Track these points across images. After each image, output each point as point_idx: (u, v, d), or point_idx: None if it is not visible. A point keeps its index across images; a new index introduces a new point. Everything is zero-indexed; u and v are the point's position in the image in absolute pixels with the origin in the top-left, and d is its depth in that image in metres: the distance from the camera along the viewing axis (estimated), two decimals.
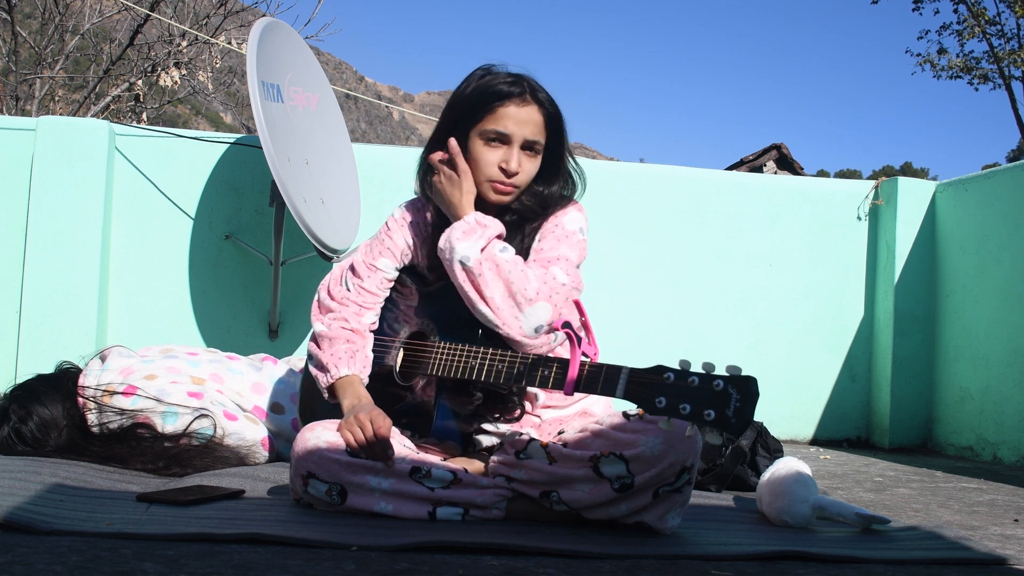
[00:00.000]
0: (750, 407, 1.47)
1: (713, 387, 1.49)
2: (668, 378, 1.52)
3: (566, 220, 1.94)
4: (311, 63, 3.71)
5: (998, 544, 1.82)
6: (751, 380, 1.49)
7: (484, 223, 1.85)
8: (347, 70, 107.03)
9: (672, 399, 1.50)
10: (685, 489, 1.70)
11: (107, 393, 2.36)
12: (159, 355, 2.53)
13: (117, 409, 2.33)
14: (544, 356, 1.73)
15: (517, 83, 1.89)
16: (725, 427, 1.47)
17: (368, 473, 1.75)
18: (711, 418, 1.47)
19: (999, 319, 3.59)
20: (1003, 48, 16.84)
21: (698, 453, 1.69)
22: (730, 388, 1.48)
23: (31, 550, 1.35)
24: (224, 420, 2.35)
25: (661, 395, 1.51)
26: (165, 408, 2.32)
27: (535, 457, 1.75)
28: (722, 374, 1.50)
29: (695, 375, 1.51)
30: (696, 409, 1.48)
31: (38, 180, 3.51)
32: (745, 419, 1.47)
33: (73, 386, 2.42)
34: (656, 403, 1.51)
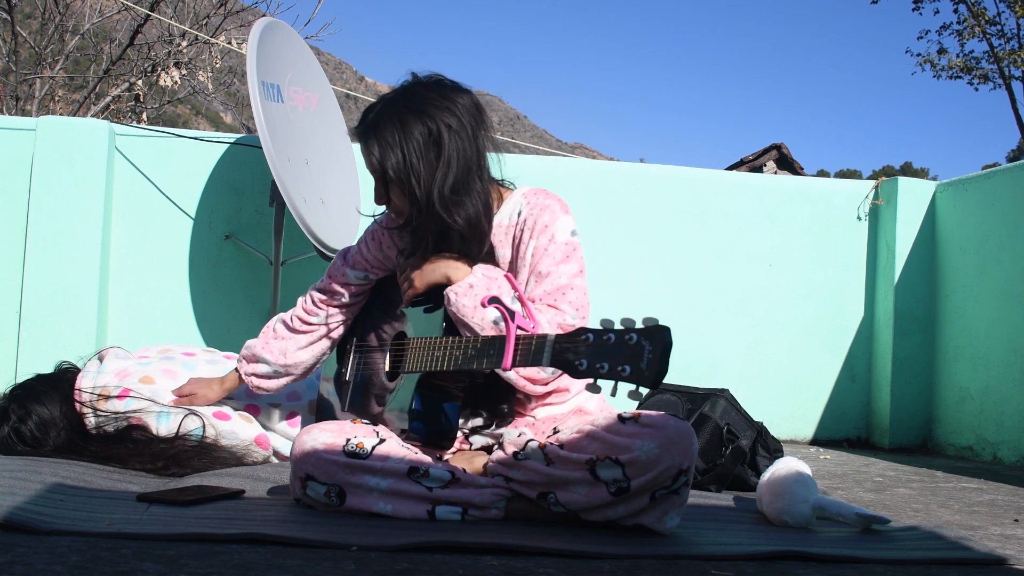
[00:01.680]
0: (663, 358, 1.42)
1: (627, 341, 1.44)
2: (587, 339, 1.49)
3: (557, 229, 1.87)
4: (311, 63, 3.71)
5: (998, 544, 1.82)
6: (664, 330, 1.43)
7: (492, 276, 1.82)
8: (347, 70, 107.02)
9: (591, 360, 1.47)
10: (682, 491, 1.70)
11: (102, 397, 2.36)
12: (157, 356, 2.52)
13: (110, 413, 2.33)
14: (491, 337, 1.69)
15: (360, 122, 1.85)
16: (640, 380, 1.43)
17: (366, 473, 1.75)
18: (626, 373, 1.43)
19: (999, 319, 3.59)
20: (1003, 48, 16.84)
21: (695, 455, 1.68)
22: (643, 341, 1.43)
23: (31, 550, 1.35)
24: (215, 420, 2.34)
25: (583, 357, 1.48)
26: (159, 409, 2.32)
27: (533, 458, 1.74)
28: (636, 327, 1.46)
29: (612, 332, 1.47)
30: (612, 366, 1.45)
31: (38, 180, 3.51)
32: (659, 370, 1.42)
33: (70, 388, 2.41)
34: (578, 366, 1.48)
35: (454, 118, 1.80)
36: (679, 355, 4.23)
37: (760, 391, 3.97)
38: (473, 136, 1.82)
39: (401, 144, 1.78)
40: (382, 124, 1.80)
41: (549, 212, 1.88)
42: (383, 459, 1.76)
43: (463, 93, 1.85)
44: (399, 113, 1.80)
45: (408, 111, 1.80)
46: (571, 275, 1.85)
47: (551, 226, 1.87)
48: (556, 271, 1.85)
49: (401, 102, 1.81)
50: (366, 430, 1.82)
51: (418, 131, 1.78)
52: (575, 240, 1.89)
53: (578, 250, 1.89)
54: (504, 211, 1.93)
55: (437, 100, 1.81)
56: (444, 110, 1.80)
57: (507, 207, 1.93)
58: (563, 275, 1.85)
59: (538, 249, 1.87)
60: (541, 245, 1.86)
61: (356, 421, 1.89)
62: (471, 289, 1.79)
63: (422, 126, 1.78)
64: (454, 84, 1.87)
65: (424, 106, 1.79)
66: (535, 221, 1.88)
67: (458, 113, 1.80)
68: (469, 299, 1.78)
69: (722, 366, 3.98)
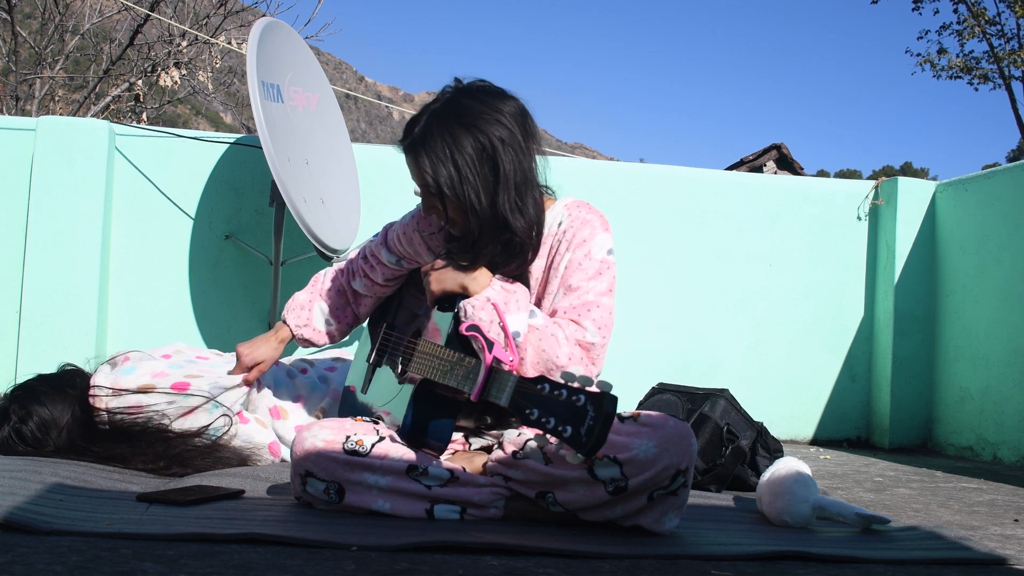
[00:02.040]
0: (604, 427, 1.42)
1: (574, 402, 1.45)
2: (543, 389, 1.50)
3: (595, 246, 1.86)
4: (311, 63, 3.71)
5: (998, 544, 1.82)
6: (607, 398, 1.43)
7: (511, 289, 1.82)
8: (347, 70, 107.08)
9: (543, 411, 1.48)
10: (681, 492, 1.69)
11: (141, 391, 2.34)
12: (177, 357, 2.52)
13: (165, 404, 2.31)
14: (475, 364, 1.68)
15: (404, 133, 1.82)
16: (577, 446, 1.43)
17: (365, 471, 1.75)
18: (567, 435, 1.43)
19: (999, 319, 3.59)
20: (1003, 48, 16.84)
21: (693, 456, 1.68)
22: (588, 405, 1.44)
23: (31, 550, 1.35)
24: (236, 419, 2.35)
25: (535, 407, 1.49)
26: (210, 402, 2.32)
27: (531, 458, 1.75)
28: (585, 389, 1.45)
29: (564, 388, 1.47)
30: (557, 424, 1.45)
31: (38, 180, 3.51)
32: (596, 439, 1.42)
33: (73, 388, 2.41)
34: (528, 414, 1.49)
35: (504, 129, 1.76)
36: (679, 355, 4.24)
37: (760, 391, 3.97)
38: (524, 144, 1.79)
39: (454, 158, 1.74)
40: (431, 138, 1.75)
41: (589, 227, 1.88)
42: (382, 457, 1.76)
43: (509, 100, 1.81)
44: (447, 126, 1.75)
45: (457, 124, 1.75)
46: (599, 292, 1.85)
47: (589, 242, 1.87)
48: (585, 286, 1.84)
49: (449, 114, 1.76)
50: (366, 428, 1.82)
51: (470, 145, 1.74)
52: (610, 259, 1.88)
53: (611, 269, 1.88)
54: (546, 220, 1.91)
55: (486, 111, 1.76)
56: (494, 121, 1.76)
57: (548, 216, 1.91)
58: (591, 291, 1.84)
59: (572, 262, 1.86)
60: (576, 259, 1.86)
61: (357, 419, 1.89)
62: (488, 303, 1.79)
63: (474, 140, 1.74)
64: (500, 91, 1.83)
65: (473, 118, 1.75)
66: (574, 234, 1.87)
67: (507, 123, 1.77)
68: (486, 313, 1.78)
69: (722, 366, 3.98)
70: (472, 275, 1.83)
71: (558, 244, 1.89)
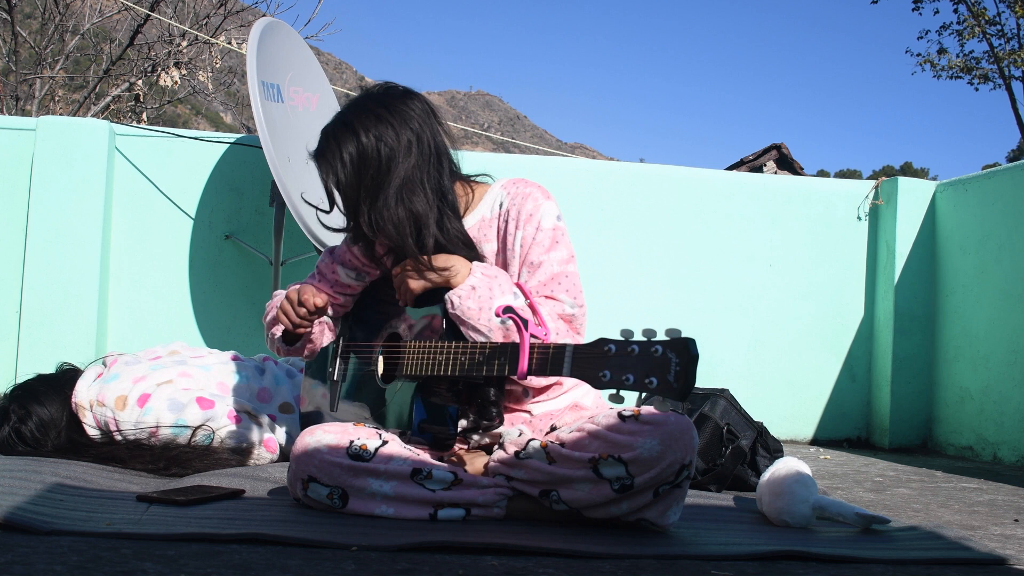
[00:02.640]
0: (691, 370, 1.42)
1: (652, 353, 1.44)
2: (610, 350, 1.48)
3: (543, 216, 1.85)
4: (311, 63, 3.71)
5: (998, 544, 1.82)
6: (689, 342, 1.43)
7: (491, 274, 1.79)
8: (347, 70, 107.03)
9: (616, 371, 1.47)
10: (684, 484, 1.70)
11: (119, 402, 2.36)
12: (169, 360, 2.52)
13: (132, 425, 2.33)
14: (501, 344, 1.68)
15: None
16: (668, 392, 1.42)
17: (369, 476, 1.74)
18: (653, 385, 1.43)
19: (999, 319, 3.59)
20: (1003, 48, 16.83)
21: (695, 449, 1.69)
22: (669, 353, 1.43)
23: (31, 550, 1.35)
24: (227, 421, 2.35)
25: (605, 368, 1.47)
26: (174, 420, 2.32)
27: (535, 457, 1.75)
28: (661, 339, 1.45)
29: (635, 343, 1.47)
30: (639, 378, 1.44)
31: (38, 180, 3.51)
32: (687, 383, 1.41)
33: (72, 388, 2.41)
34: (601, 377, 1.48)
35: (388, 128, 1.77)
36: None
37: (760, 391, 3.97)
38: (417, 140, 1.79)
39: (336, 163, 1.78)
40: (323, 145, 1.81)
41: (532, 200, 1.87)
42: (386, 461, 1.75)
43: (409, 99, 1.83)
44: (335, 132, 1.79)
45: (344, 128, 1.78)
46: (562, 261, 1.85)
47: (535, 214, 1.86)
48: (547, 259, 1.84)
49: (339, 120, 1.81)
50: (369, 432, 1.81)
51: (352, 147, 1.77)
52: (561, 224, 1.88)
53: (565, 235, 1.88)
54: (484, 205, 1.91)
55: (373, 112, 1.79)
56: (379, 121, 1.78)
57: (486, 200, 1.92)
58: (554, 263, 1.84)
59: (526, 239, 1.85)
60: (528, 235, 1.85)
61: (358, 424, 1.87)
62: (473, 291, 1.77)
63: (356, 142, 1.77)
64: (401, 91, 1.85)
65: (357, 121, 1.78)
66: (519, 211, 1.86)
67: (393, 123, 1.78)
68: (473, 301, 1.76)
69: (722, 366, 3.98)
70: (447, 263, 1.80)
71: (504, 224, 1.88)
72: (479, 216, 1.91)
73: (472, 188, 1.94)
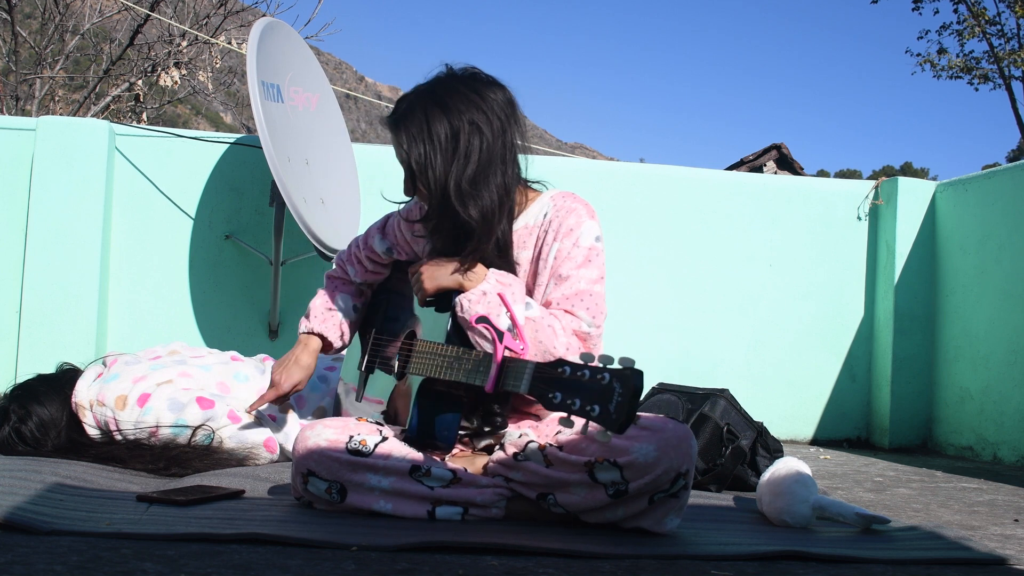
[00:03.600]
0: (632, 403, 1.40)
1: (599, 380, 1.43)
2: (564, 372, 1.48)
3: (582, 234, 1.85)
4: (311, 63, 3.71)
5: (998, 544, 1.82)
6: (634, 374, 1.42)
7: (506, 282, 1.79)
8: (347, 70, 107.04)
9: (566, 394, 1.46)
10: (682, 494, 1.69)
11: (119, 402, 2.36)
12: (169, 360, 2.52)
13: (132, 425, 2.33)
14: (485, 356, 1.68)
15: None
16: (607, 423, 1.41)
17: (368, 471, 1.75)
18: (595, 413, 1.42)
19: (999, 319, 3.59)
20: (1003, 48, 16.83)
21: (693, 458, 1.68)
22: (614, 383, 1.42)
23: (31, 550, 1.35)
24: (227, 421, 2.35)
25: (557, 390, 1.47)
26: (176, 419, 2.33)
27: (532, 460, 1.75)
28: (609, 367, 1.44)
29: (587, 369, 1.46)
30: (583, 404, 1.44)
31: (38, 180, 3.51)
32: (627, 415, 1.40)
33: (71, 388, 2.42)
34: (552, 399, 1.47)
35: (481, 114, 1.77)
36: (679, 355, 4.25)
37: (760, 391, 3.97)
38: (501, 132, 1.79)
39: (424, 138, 1.76)
40: (409, 117, 1.79)
41: (575, 216, 1.87)
42: (385, 457, 1.76)
43: (496, 88, 1.82)
44: (425, 107, 1.78)
45: (435, 105, 1.77)
46: (591, 280, 1.84)
47: (576, 230, 1.85)
48: (576, 275, 1.83)
49: (429, 95, 1.80)
50: (369, 428, 1.82)
51: (442, 126, 1.76)
52: (599, 246, 1.87)
53: (600, 256, 1.87)
54: (531, 212, 1.91)
55: (465, 95, 1.78)
56: (471, 106, 1.77)
57: (534, 208, 1.92)
58: (583, 280, 1.83)
59: (561, 252, 1.85)
60: (564, 248, 1.85)
61: (360, 419, 1.89)
62: (484, 297, 1.76)
63: (446, 121, 1.76)
64: (488, 79, 1.84)
65: (451, 101, 1.77)
66: (560, 224, 1.86)
67: (485, 109, 1.78)
68: (482, 307, 1.76)
69: (722, 366, 3.98)
70: (467, 270, 1.81)
71: (544, 234, 1.88)
72: (523, 222, 1.91)
73: (527, 194, 1.94)
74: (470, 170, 1.76)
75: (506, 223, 1.84)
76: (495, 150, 1.78)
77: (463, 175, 1.76)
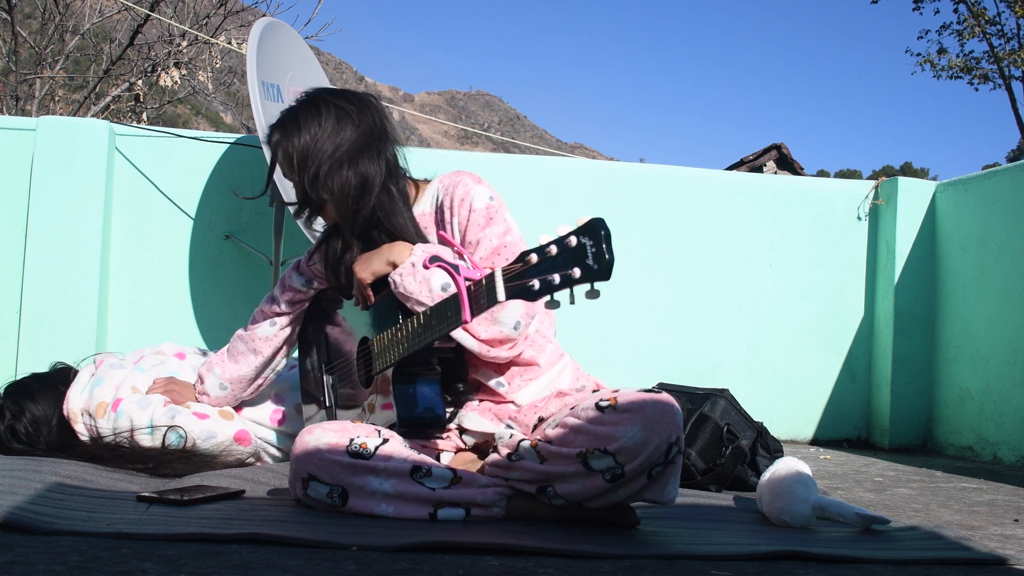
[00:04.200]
0: (606, 246, 1.40)
1: (568, 245, 1.43)
2: (531, 259, 1.48)
3: (473, 199, 1.93)
4: (311, 63, 3.71)
5: (998, 544, 1.82)
6: (597, 221, 1.41)
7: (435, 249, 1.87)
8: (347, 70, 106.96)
9: (543, 277, 1.45)
10: (677, 459, 1.70)
11: (99, 409, 2.36)
12: (152, 358, 2.52)
13: (109, 428, 2.34)
14: (444, 300, 1.72)
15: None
16: (592, 277, 1.41)
17: (369, 474, 1.75)
18: (577, 276, 1.41)
19: (999, 319, 3.60)
20: (1003, 48, 16.83)
21: (681, 425, 1.68)
22: (582, 239, 1.41)
23: (31, 550, 1.35)
24: (193, 420, 2.32)
25: (533, 278, 1.47)
26: (146, 425, 2.31)
27: (527, 458, 1.75)
28: (570, 231, 1.44)
29: (552, 243, 1.46)
30: (563, 274, 1.43)
31: (38, 180, 3.51)
32: (607, 260, 1.40)
33: (65, 385, 2.42)
34: (531, 287, 1.47)
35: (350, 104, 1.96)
36: (679, 355, 4.23)
37: (760, 391, 3.97)
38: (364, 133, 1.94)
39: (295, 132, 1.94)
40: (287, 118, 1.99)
41: (462, 187, 1.95)
42: (386, 459, 1.76)
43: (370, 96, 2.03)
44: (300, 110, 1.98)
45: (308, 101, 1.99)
46: (500, 235, 1.91)
47: (466, 198, 1.94)
48: (484, 235, 1.90)
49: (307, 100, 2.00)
50: (369, 430, 1.82)
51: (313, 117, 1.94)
52: (494, 203, 1.94)
53: (500, 211, 1.94)
54: (424, 199, 2.03)
55: (336, 92, 2.01)
56: (341, 98, 1.98)
57: (427, 195, 2.03)
58: (492, 237, 1.90)
59: (461, 223, 1.93)
60: (463, 218, 1.93)
61: (357, 422, 1.89)
62: (413, 268, 1.84)
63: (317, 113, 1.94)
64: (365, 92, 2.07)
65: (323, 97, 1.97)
66: (451, 199, 1.95)
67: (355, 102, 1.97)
68: (413, 278, 1.83)
69: (722, 366, 3.98)
70: (392, 249, 1.90)
71: (441, 214, 1.98)
72: (419, 211, 2.01)
73: (418, 185, 2.06)
74: (326, 160, 1.92)
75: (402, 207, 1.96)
76: (353, 146, 1.93)
77: (321, 164, 1.92)
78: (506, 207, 1.97)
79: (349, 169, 1.91)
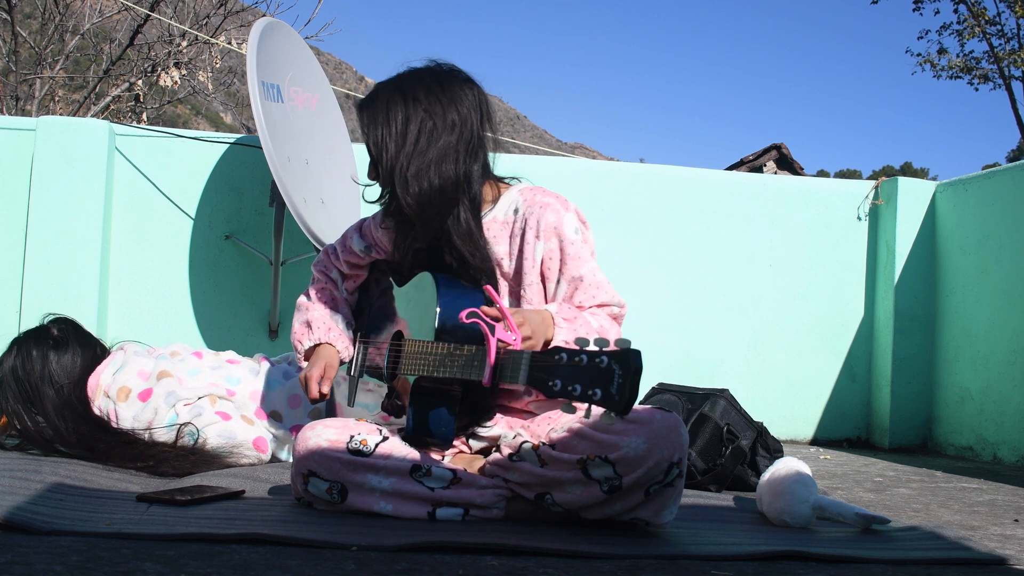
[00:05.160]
0: (634, 382, 1.40)
1: (598, 364, 1.42)
2: (561, 359, 1.47)
3: (566, 230, 1.86)
4: (311, 63, 3.71)
5: (998, 544, 1.82)
6: (632, 354, 1.41)
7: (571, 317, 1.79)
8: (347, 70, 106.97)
9: (565, 380, 1.45)
10: (677, 483, 1.69)
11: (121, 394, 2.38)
12: (168, 359, 2.53)
13: (131, 419, 2.36)
14: (478, 351, 1.68)
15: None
16: (610, 405, 1.40)
17: (368, 471, 1.75)
18: (597, 397, 1.41)
19: (999, 319, 3.60)
20: (1003, 48, 16.83)
21: (684, 447, 1.67)
22: (613, 364, 1.41)
23: (31, 550, 1.35)
24: (215, 418, 2.34)
25: (556, 377, 1.46)
26: (168, 422, 2.34)
27: (527, 460, 1.74)
28: (606, 350, 1.43)
29: (584, 354, 1.45)
30: (584, 389, 1.43)
31: (38, 180, 3.51)
32: (630, 396, 1.40)
33: (96, 360, 2.46)
34: (552, 386, 1.46)
35: (438, 106, 1.81)
36: (680, 355, 4.23)
37: (760, 391, 3.97)
38: (458, 125, 1.81)
39: (382, 122, 1.82)
40: (374, 102, 1.85)
41: (552, 211, 1.87)
42: (386, 457, 1.76)
43: (465, 84, 1.86)
44: (389, 94, 1.83)
45: (397, 92, 1.83)
46: (593, 270, 1.87)
47: (560, 227, 1.86)
48: (587, 271, 1.86)
49: (396, 84, 1.85)
50: (369, 427, 1.83)
51: (400, 113, 1.81)
52: (579, 237, 1.88)
53: (588, 241, 1.90)
54: (500, 207, 1.93)
55: (428, 86, 1.83)
56: (431, 96, 1.82)
57: (503, 202, 1.93)
58: (593, 273, 1.87)
59: (553, 253, 1.86)
60: (551, 248, 1.86)
61: (360, 419, 1.89)
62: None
63: (403, 108, 1.81)
64: (460, 76, 1.88)
65: (412, 90, 1.82)
66: (537, 221, 1.86)
67: (444, 101, 1.82)
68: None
69: (722, 366, 3.98)
70: (548, 322, 1.77)
71: (520, 232, 1.89)
72: (492, 216, 1.92)
73: (499, 188, 1.95)
74: (417, 157, 1.80)
75: (466, 214, 1.84)
76: (449, 142, 1.81)
77: (410, 161, 1.80)
78: (591, 233, 1.91)
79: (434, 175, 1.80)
